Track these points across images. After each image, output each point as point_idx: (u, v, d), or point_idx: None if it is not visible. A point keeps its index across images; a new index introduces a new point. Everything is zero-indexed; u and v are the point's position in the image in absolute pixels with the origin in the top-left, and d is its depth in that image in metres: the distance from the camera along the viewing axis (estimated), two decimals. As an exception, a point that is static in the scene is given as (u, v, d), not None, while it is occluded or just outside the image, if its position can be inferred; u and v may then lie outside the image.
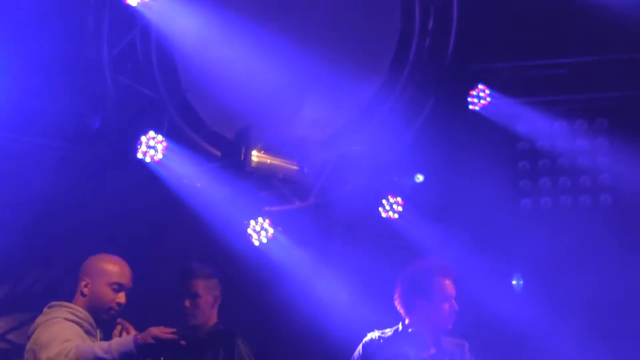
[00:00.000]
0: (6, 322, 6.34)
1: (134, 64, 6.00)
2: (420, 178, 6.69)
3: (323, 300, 6.18)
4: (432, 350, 4.31)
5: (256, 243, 6.14)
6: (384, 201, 6.40)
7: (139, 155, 5.74)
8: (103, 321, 3.90)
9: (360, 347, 4.37)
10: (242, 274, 6.11)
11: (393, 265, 5.86)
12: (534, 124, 6.76)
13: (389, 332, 4.38)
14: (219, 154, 6.16)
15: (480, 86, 6.46)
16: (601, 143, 6.67)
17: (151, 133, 5.74)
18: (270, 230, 6.16)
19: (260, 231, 6.13)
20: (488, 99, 6.47)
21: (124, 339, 3.68)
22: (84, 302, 3.85)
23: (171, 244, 6.03)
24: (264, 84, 6.06)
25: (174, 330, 3.64)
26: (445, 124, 6.59)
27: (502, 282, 6.58)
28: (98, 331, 3.88)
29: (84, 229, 5.81)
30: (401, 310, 4.40)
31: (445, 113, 6.61)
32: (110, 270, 3.91)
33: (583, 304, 6.26)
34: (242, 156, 5.89)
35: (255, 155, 6.06)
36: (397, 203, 6.44)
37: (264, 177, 6.34)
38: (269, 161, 6.10)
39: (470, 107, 6.48)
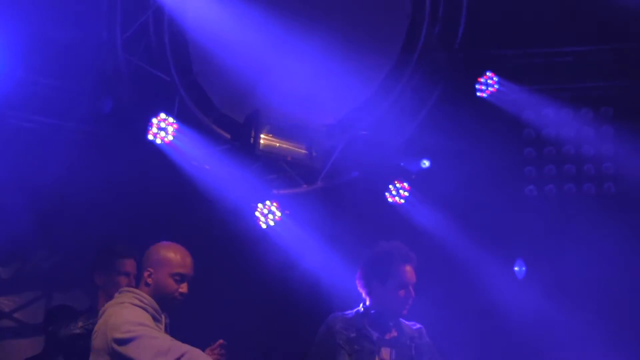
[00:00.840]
0: (12, 301, 6.38)
1: (146, 46, 6.01)
2: (426, 163, 6.74)
3: (328, 284, 6.26)
4: (394, 333, 4.31)
5: (263, 226, 6.20)
6: (390, 186, 6.45)
7: (150, 137, 5.77)
8: (167, 308, 3.93)
9: (324, 327, 4.33)
10: (249, 257, 6.17)
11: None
12: (540, 111, 6.80)
13: (349, 313, 4.36)
14: (228, 136, 6.18)
15: (488, 73, 6.48)
16: (606, 131, 6.73)
17: (162, 115, 5.76)
18: (278, 214, 6.21)
19: (267, 214, 6.18)
20: (496, 86, 6.51)
21: None
22: (149, 291, 3.87)
23: (179, 226, 6.05)
24: (273, 68, 6.09)
25: None
26: (452, 109, 6.62)
27: (504, 269, 6.64)
28: (163, 316, 3.93)
29: (94, 210, 5.85)
30: (362, 291, 4.38)
31: (453, 99, 6.65)
32: (172, 260, 3.88)
33: (584, 293, 6.34)
34: (252, 139, 5.91)
35: (264, 138, 6.08)
36: (403, 188, 6.49)
37: (271, 161, 6.36)
38: (277, 144, 6.13)
39: (478, 94, 6.51)
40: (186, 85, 6.01)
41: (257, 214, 6.15)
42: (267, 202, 6.19)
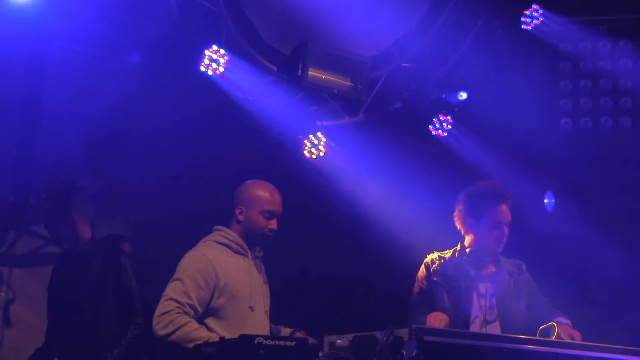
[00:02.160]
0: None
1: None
2: (463, 95, 6.76)
3: (373, 214, 6.34)
4: (492, 269, 4.40)
5: (312, 157, 6.24)
6: (434, 119, 6.49)
7: (202, 68, 5.75)
8: (258, 243, 4.13)
9: (423, 267, 4.44)
10: (296, 188, 6.22)
11: (438, 182, 6.05)
12: (577, 43, 6.78)
13: (447, 253, 4.46)
14: (274, 68, 6.17)
15: (534, 6, 6.44)
16: (645, 64, 6.74)
17: (214, 47, 5.73)
18: (323, 147, 6.25)
19: (315, 145, 6.21)
20: (541, 19, 6.47)
21: None
22: (239, 228, 4.06)
23: (229, 157, 6.09)
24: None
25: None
26: (491, 42, 6.62)
27: (535, 200, 6.71)
28: (251, 251, 4.10)
29: (142, 140, 5.85)
30: (460, 229, 4.48)
31: (492, 31, 6.63)
32: (262, 198, 4.05)
33: (617, 224, 6.41)
34: (299, 71, 5.90)
35: (311, 70, 6.05)
36: (446, 121, 6.53)
37: (313, 92, 6.35)
38: (323, 77, 6.10)
39: (523, 26, 6.48)
40: (233, 17, 5.96)
41: (305, 145, 6.18)
42: (315, 134, 6.22)
